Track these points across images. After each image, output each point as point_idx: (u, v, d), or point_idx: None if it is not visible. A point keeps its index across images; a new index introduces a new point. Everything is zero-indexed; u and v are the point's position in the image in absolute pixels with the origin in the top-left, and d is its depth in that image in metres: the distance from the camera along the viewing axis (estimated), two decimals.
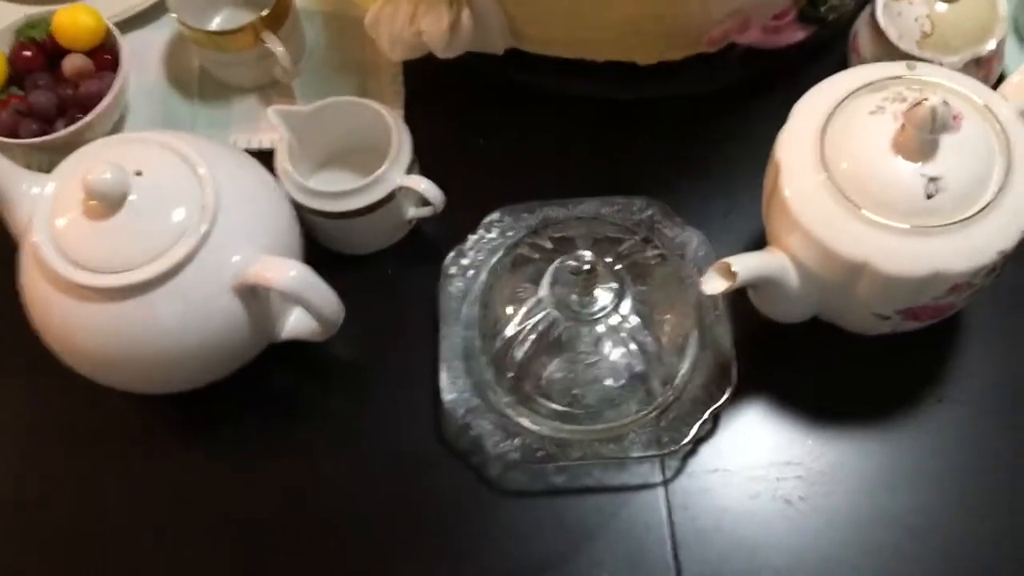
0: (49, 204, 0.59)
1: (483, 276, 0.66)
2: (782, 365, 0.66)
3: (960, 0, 0.66)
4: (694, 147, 0.75)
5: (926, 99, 0.51)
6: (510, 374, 0.62)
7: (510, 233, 0.68)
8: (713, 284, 0.53)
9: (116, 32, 0.75)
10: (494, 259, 0.66)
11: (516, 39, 0.73)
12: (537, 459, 0.61)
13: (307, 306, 0.59)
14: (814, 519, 0.61)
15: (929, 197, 0.52)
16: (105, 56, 0.75)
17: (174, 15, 0.73)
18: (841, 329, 0.62)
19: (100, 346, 0.59)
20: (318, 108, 0.69)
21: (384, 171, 0.66)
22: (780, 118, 0.60)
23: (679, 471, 0.63)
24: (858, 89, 0.56)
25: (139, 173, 0.58)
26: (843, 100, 0.56)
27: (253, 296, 0.60)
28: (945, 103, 0.51)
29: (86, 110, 0.72)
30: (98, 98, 0.72)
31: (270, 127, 0.70)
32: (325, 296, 0.59)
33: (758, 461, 0.63)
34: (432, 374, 0.65)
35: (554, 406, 0.62)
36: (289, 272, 0.58)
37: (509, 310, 0.63)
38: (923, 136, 0.52)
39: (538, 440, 0.62)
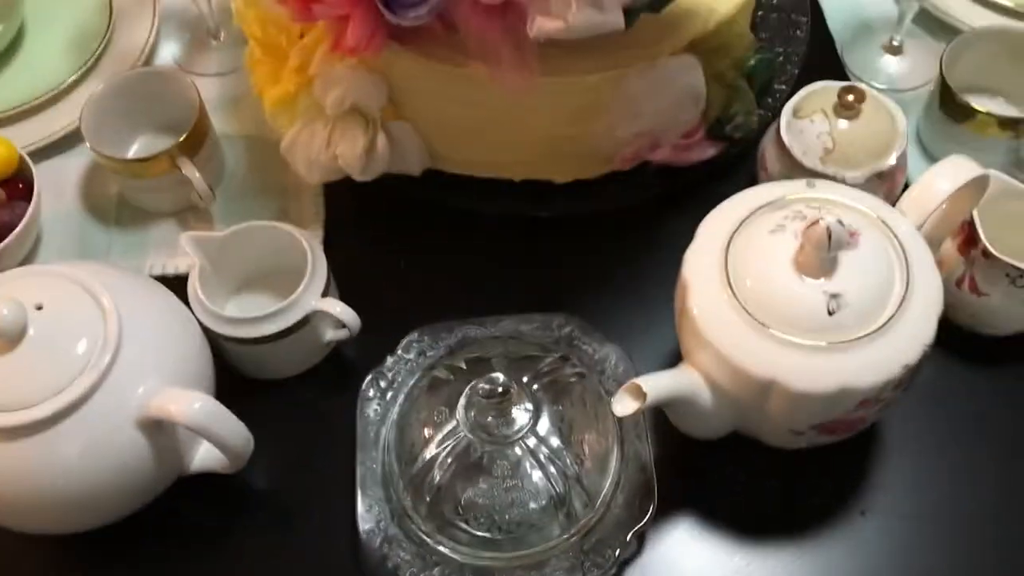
0: None
1: (400, 399, 0.65)
2: (704, 481, 0.65)
3: (859, 118, 0.68)
4: (612, 262, 0.75)
5: (821, 219, 0.52)
6: (428, 499, 0.61)
7: (429, 354, 0.67)
8: (624, 405, 0.53)
9: (29, 161, 0.75)
10: (411, 381, 0.65)
11: (433, 160, 0.74)
12: None
13: (213, 439, 0.57)
14: None
15: (831, 313, 0.53)
16: (19, 185, 0.74)
17: (88, 145, 0.73)
18: (761, 443, 0.62)
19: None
20: (232, 233, 0.68)
21: (299, 295, 0.66)
22: (691, 234, 0.61)
23: None
24: (760, 208, 0.57)
25: (40, 307, 0.57)
26: (746, 218, 0.57)
27: (159, 429, 0.58)
28: (839, 222, 0.52)
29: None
30: (9, 228, 0.71)
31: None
32: (232, 428, 0.58)
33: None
34: (351, 501, 0.63)
35: (474, 531, 0.60)
36: (193, 404, 0.57)
37: (427, 433, 0.62)
38: (821, 254, 0.53)
39: (458, 569, 0.60)
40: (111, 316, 0.58)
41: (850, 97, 0.67)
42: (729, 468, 0.64)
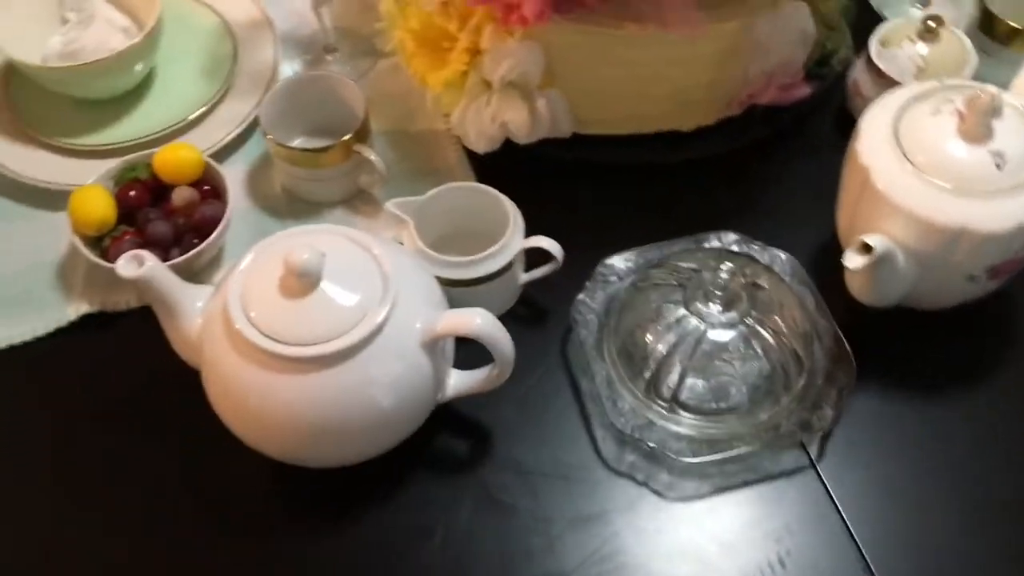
0: (238, 292, 0.64)
1: (614, 311, 0.73)
2: (883, 344, 0.75)
3: (939, 41, 0.82)
4: (739, 191, 0.86)
5: (982, 92, 0.64)
6: (660, 392, 0.69)
7: (615, 278, 0.76)
8: (854, 260, 0.63)
9: (213, 163, 0.81)
10: (617, 297, 0.74)
11: (577, 124, 0.84)
12: (705, 456, 0.68)
13: (494, 346, 0.65)
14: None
15: (999, 168, 0.65)
16: (204, 187, 0.80)
17: (270, 137, 0.80)
18: (915, 311, 0.73)
19: (295, 416, 0.63)
20: (430, 197, 0.76)
21: (508, 238, 0.74)
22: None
23: (823, 451, 0.71)
24: (912, 99, 0.69)
25: (323, 255, 0.64)
26: (903, 108, 0.69)
27: (432, 353, 0.66)
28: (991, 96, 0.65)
29: (203, 236, 0.77)
30: (214, 223, 0.77)
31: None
32: (507, 337, 0.65)
33: (890, 427, 0.72)
34: (574, 413, 0.72)
35: (700, 417, 0.69)
36: (475, 319, 0.64)
37: (649, 337, 0.71)
38: (983, 121, 0.65)
39: (696, 443, 0.69)
40: (384, 260, 0.65)
41: (932, 24, 0.81)
42: (900, 334, 0.75)
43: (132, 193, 0.79)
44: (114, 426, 0.73)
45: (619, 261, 0.77)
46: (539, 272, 0.77)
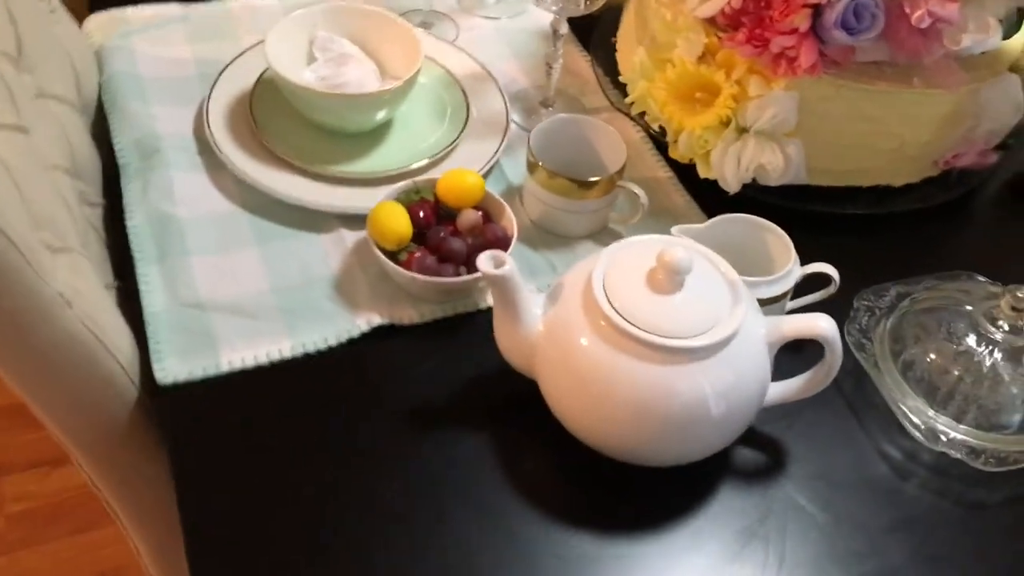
0: (601, 288, 0.68)
1: (892, 333, 0.79)
2: None
3: None
4: (926, 246, 0.94)
5: None
6: (955, 407, 0.75)
7: (877, 309, 0.82)
8: None
9: (492, 192, 0.85)
10: (895, 320, 0.80)
11: (807, 173, 0.92)
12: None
13: (833, 348, 0.70)
14: None
15: None
16: (482, 211, 0.84)
17: (543, 165, 0.85)
18: None
19: (654, 407, 0.66)
20: (709, 225, 0.82)
21: (791, 266, 0.80)
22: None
23: None
24: None
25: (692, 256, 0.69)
26: None
27: (770, 359, 0.70)
28: None
29: None
30: (505, 243, 0.81)
31: None
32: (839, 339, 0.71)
33: None
34: (853, 424, 0.77)
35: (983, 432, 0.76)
36: (821, 322, 0.70)
37: (932, 356, 0.77)
38: None
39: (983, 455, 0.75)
40: (723, 266, 0.71)
41: None
42: None
43: (421, 213, 0.82)
44: (400, 430, 0.74)
45: (872, 293, 0.84)
46: (811, 298, 0.83)
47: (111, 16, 1.03)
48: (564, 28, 0.95)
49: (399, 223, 0.80)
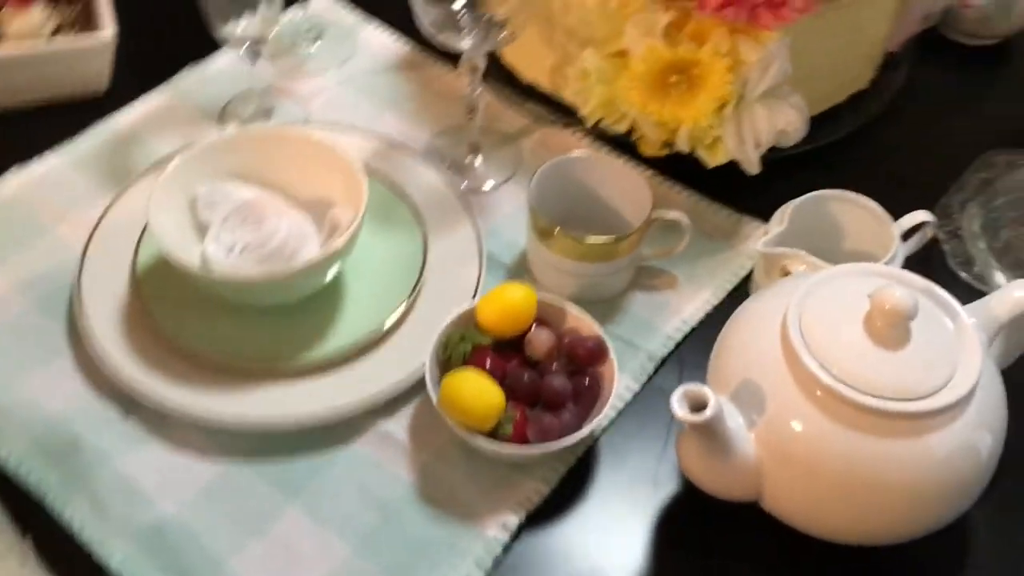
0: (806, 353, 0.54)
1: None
2: None
3: None
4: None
5: None
6: None
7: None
8: None
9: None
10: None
11: None
12: None
13: None
14: None
15: None
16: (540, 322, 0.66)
17: (562, 232, 0.69)
18: None
19: (897, 483, 0.55)
20: (789, 221, 0.69)
21: (894, 230, 0.69)
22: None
23: None
24: None
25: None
26: None
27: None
28: None
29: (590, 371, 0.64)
30: (601, 349, 0.64)
31: None
32: None
33: None
34: None
35: None
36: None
37: None
38: None
39: None
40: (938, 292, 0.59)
41: None
42: None
43: (489, 364, 0.63)
44: None
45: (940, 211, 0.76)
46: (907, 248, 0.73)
47: None
48: (482, 63, 0.76)
49: (490, 393, 0.61)
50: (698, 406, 0.53)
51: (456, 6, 0.72)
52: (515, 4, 0.72)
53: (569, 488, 0.63)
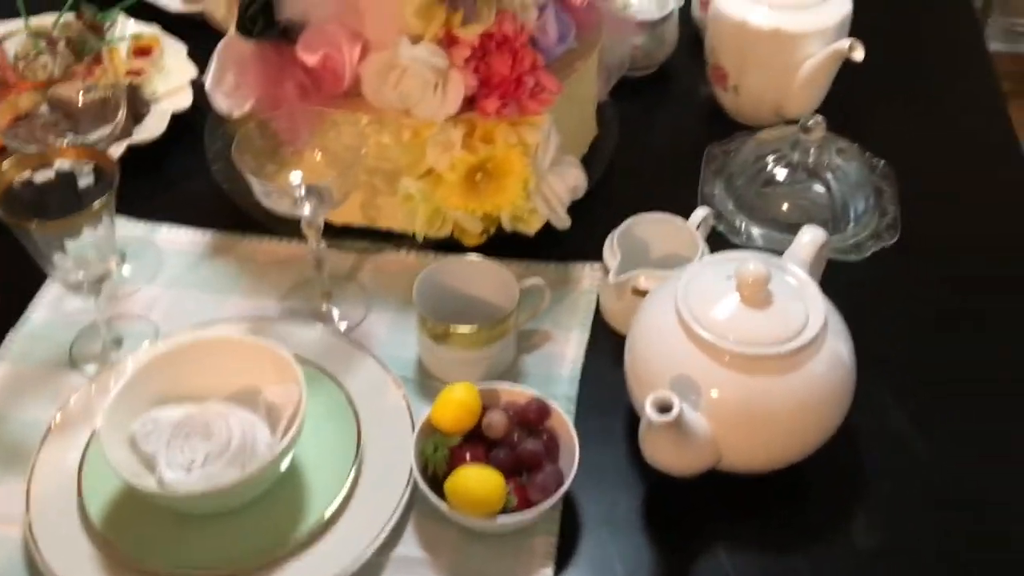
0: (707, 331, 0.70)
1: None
2: None
3: None
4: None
5: None
6: None
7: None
8: None
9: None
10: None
11: None
12: None
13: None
14: None
15: None
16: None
17: (456, 331, 0.80)
18: None
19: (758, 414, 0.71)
20: (623, 254, 0.85)
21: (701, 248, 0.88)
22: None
23: None
24: None
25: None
26: None
27: None
28: None
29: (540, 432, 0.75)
30: (544, 408, 0.76)
31: None
32: None
33: None
34: None
35: None
36: (804, 238, 0.80)
37: None
38: None
39: None
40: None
41: None
42: None
43: (468, 456, 0.72)
44: None
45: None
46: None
47: None
48: (321, 222, 0.84)
49: (491, 478, 0.70)
50: (664, 407, 0.66)
51: (294, 181, 0.81)
52: (338, 175, 0.82)
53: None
